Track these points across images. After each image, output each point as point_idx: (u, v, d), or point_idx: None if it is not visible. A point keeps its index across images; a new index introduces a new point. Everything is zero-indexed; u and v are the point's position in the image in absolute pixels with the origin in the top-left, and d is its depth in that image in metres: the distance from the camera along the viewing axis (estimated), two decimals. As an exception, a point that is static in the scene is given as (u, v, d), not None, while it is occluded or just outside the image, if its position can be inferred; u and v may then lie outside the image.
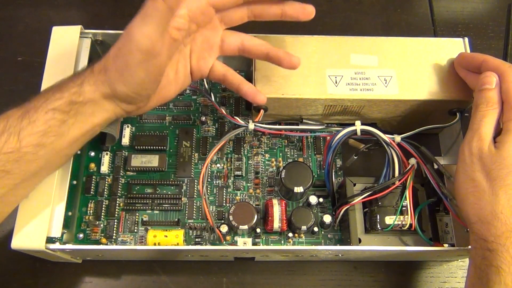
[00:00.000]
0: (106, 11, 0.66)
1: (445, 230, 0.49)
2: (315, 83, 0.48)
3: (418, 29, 0.66)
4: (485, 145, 0.40)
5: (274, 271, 0.51)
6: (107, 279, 0.51)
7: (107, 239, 0.50)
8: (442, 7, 0.68)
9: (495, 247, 0.37)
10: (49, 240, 0.43)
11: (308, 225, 0.48)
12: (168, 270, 0.51)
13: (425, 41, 0.51)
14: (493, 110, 0.41)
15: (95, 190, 0.52)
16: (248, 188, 0.53)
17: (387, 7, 0.68)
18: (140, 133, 0.54)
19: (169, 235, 0.48)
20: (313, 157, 0.55)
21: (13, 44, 0.62)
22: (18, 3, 0.65)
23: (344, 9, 0.67)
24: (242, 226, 0.47)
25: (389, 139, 0.47)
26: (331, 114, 0.51)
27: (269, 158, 0.54)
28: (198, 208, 0.52)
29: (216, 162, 0.54)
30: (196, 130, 0.55)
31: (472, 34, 0.65)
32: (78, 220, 0.51)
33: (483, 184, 0.39)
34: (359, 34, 0.51)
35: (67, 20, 0.54)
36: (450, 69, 0.49)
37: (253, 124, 0.49)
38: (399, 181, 0.46)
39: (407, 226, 0.46)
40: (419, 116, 0.51)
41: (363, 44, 0.50)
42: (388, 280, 0.52)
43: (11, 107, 0.57)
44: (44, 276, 0.50)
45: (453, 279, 0.52)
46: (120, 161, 0.53)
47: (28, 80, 0.59)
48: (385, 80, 0.48)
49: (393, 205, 0.47)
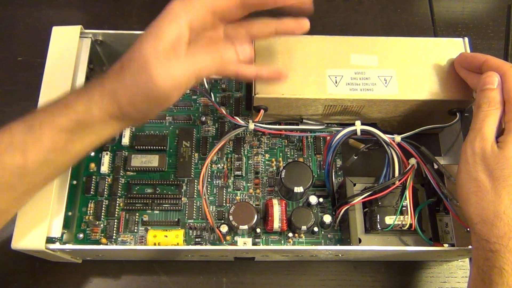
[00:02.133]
0: (106, 11, 0.66)
1: (445, 230, 0.49)
2: (315, 83, 0.48)
3: (418, 29, 0.66)
4: (488, 145, 0.39)
5: (274, 271, 0.51)
6: (107, 279, 0.51)
7: (107, 239, 0.50)
8: (442, 7, 0.68)
9: (498, 248, 0.37)
10: (49, 240, 0.43)
11: (308, 225, 0.48)
12: (168, 270, 0.51)
13: (425, 41, 0.51)
14: (495, 110, 0.41)
15: (95, 190, 0.52)
16: (248, 188, 0.53)
17: (387, 7, 0.68)
18: (140, 133, 0.54)
19: (169, 235, 0.48)
20: (313, 157, 0.55)
21: (13, 44, 0.62)
22: (18, 3, 0.65)
23: (344, 9, 0.67)
24: (242, 226, 0.47)
25: (389, 139, 0.47)
26: (331, 114, 0.51)
27: (269, 158, 0.54)
28: (198, 208, 0.52)
29: (216, 162, 0.54)
30: (196, 130, 0.55)
31: (472, 34, 0.65)
32: (78, 220, 0.51)
33: (486, 184, 0.39)
34: (359, 34, 0.51)
35: (67, 20, 0.54)
36: (450, 69, 0.49)
37: (253, 124, 0.49)
38: (399, 181, 0.46)
39: (407, 226, 0.46)
40: (419, 116, 0.51)
41: (363, 44, 0.50)
42: (388, 280, 0.52)
43: (11, 107, 0.57)
44: (44, 276, 0.50)
45: (453, 279, 0.52)
46: (120, 161, 0.53)
47: (28, 80, 0.59)
48: (385, 80, 0.48)
49: (393, 205, 0.47)
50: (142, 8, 0.65)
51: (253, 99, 0.48)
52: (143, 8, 0.65)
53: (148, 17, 0.39)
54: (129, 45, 0.43)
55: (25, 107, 0.40)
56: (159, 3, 0.40)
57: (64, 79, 0.47)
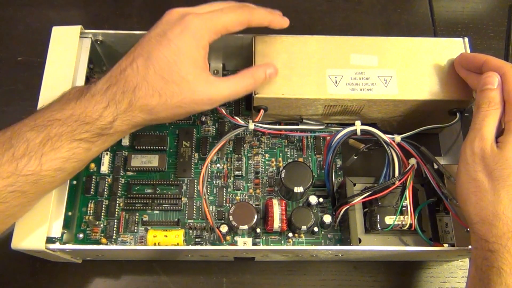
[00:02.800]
0: (106, 11, 0.66)
1: (445, 230, 0.49)
2: (315, 83, 0.48)
3: (418, 29, 0.66)
4: (488, 145, 0.39)
5: (274, 271, 0.51)
6: (107, 279, 0.51)
7: (107, 239, 0.50)
8: (442, 7, 0.68)
9: (497, 247, 0.37)
10: (49, 240, 0.43)
11: (308, 225, 0.48)
12: (168, 270, 0.51)
13: (425, 41, 0.51)
14: (495, 110, 0.41)
15: (95, 190, 0.52)
16: (248, 188, 0.53)
17: (387, 7, 0.68)
18: (140, 133, 0.54)
19: (169, 235, 0.48)
20: (313, 157, 0.55)
21: (13, 44, 0.62)
22: (18, 3, 0.65)
23: (344, 9, 0.67)
24: (242, 226, 0.47)
25: (389, 139, 0.47)
26: (331, 114, 0.51)
27: (269, 158, 0.54)
28: (198, 208, 0.52)
29: (216, 162, 0.54)
30: (196, 130, 0.55)
31: (472, 34, 0.65)
32: (78, 220, 0.51)
33: (485, 184, 0.39)
34: (359, 34, 0.51)
35: (67, 20, 0.54)
36: (450, 69, 0.49)
37: (253, 124, 0.49)
38: (399, 181, 0.46)
39: (407, 226, 0.46)
40: (419, 116, 0.51)
41: (363, 44, 0.50)
42: (388, 280, 0.52)
43: (11, 107, 0.57)
44: (44, 276, 0.50)
45: (453, 279, 0.52)
46: (120, 161, 0.53)
47: (28, 80, 0.59)
48: (385, 80, 0.48)
49: (393, 205, 0.47)
50: (142, 8, 0.65)
51: (253, 99, 0.48)
52: (143, 8, 0.65)
53: (148, 17, 0.39)
54: (129, 45, 0.43)
55: (25, 107, 0.40)
56: (159, 3, 0.41)
57: (64, 79, 0.47)
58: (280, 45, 0.49)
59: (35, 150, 0.37)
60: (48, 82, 0.47)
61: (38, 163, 0.37)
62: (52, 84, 0.47)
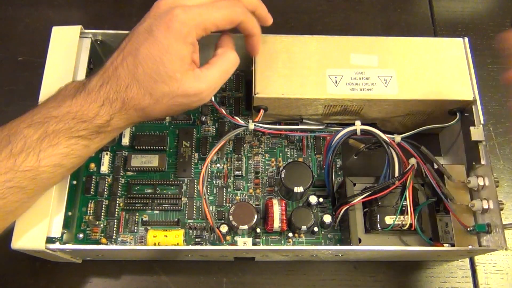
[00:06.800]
0: (106, 11, 0.66)
1: (445, 230, 0.49)
2: (315, 83, 0.48)
3: (418, 29, 0.66)
4: None
5: (274, 271, 0.51)
6: (107, 279, 0.51)
7: (107, 239, 0.50)
8: (442, 7, 0.68)
9: None
10: (49, 240, 0.43)
11: (308, 225, 0.48)
12: (168, 270, 0.51)
13: (425, 41, 0.51)
14: None
15: (95, 190, 0.52)
16: (248, 188, 0.53)
17: (387, 7, 0.68)
18: (140, 133, 0.54)
19: (169, 235, 0.48)
20: (313, 157, 0.55)
21: (13, 44, 0.62)
22: (18, 3, 0.65)
23: (344, 9, 0.67)
24: (242, 226, 0.47)
25: (389, 139, 0.47)
26: (331, 114, 0.51)
27: (269, 158, 0.54)
28: (198, 208, 0.52)
29: (216, 162, 0.54)
30: (196, 130, 0.55)
31: (472, 34, 0.65)
32: (78, 220, 0.51)
33: None
34: (359, 34, 0.51)
35: (67, 20, 0.54)
36: (450, 69, 0.49)
37: (253, 124, 0.49)
38: (399, 181, 0.46)
39: (407, 226, 0.46)
40: (419, 116, 0.51)
41: (363, 44, 0.50)
42: (388, 280, 0.52)
43: (11, 107, 0.57)
44: (44, 276, 0.50)
45: (453, 279, 0.52)
46: (120, 161, 0.53)
47: (28, 80, 0.59)
48: (385, 80, 0.48)
49: (393, 205, 0.47)
50: (142, 8, 0.65)
51: (253, 99, 0.48)
52: (143, 8, 0.65)
53: (148, 17, 0.39)
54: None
55: (25, 107, 0.40)
56: (159, 3, 0.41)
57: (64, 79, 0.47)
58: (280, 45, 0.49)
59: (32, 146, 0.37)
60: (48, 82, 0.47)
61: (36, 159, 0.37)
62: (52, 84, 0.47)
